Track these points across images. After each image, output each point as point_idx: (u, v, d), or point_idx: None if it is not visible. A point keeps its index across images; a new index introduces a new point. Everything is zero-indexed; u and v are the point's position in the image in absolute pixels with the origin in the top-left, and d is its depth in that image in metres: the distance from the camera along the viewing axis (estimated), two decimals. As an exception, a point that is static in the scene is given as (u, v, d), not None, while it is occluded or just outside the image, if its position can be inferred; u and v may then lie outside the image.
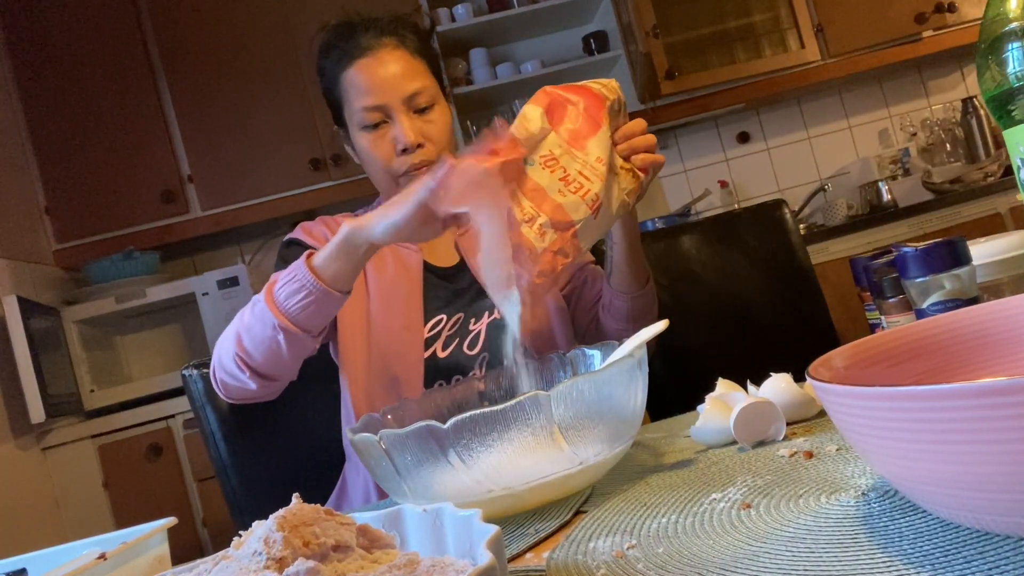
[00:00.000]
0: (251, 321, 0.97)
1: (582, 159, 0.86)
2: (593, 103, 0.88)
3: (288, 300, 0.93)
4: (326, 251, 0.92)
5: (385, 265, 1.15)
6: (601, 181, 0.85)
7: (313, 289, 0.92)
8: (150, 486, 2.39)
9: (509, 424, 0.63)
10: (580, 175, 0.85)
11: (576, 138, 0.86)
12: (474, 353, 1.12)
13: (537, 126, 0.86)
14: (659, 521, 0.57)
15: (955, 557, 0.40)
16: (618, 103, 0.92)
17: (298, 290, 0.92)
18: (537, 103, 0.87)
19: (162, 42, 2.77)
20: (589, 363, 0.86)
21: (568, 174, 0.85)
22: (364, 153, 1.13)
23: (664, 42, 2.91)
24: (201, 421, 1.26)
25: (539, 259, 0.82)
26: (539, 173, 0.85)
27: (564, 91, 0.89)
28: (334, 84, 1.15)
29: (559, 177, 0.85)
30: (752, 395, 0.77)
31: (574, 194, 0.84)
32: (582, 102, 0.88)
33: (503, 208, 0.82)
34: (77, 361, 2.52)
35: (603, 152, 0.86)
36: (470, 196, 0.81)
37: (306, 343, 0.97)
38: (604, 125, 0.87)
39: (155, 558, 0.69)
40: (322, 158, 2.78)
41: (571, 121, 0.87)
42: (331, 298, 0.93)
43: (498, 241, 0.81)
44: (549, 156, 0.85)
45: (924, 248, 0.71)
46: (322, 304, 0.93)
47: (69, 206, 2.71)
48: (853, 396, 0.42)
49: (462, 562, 0.41)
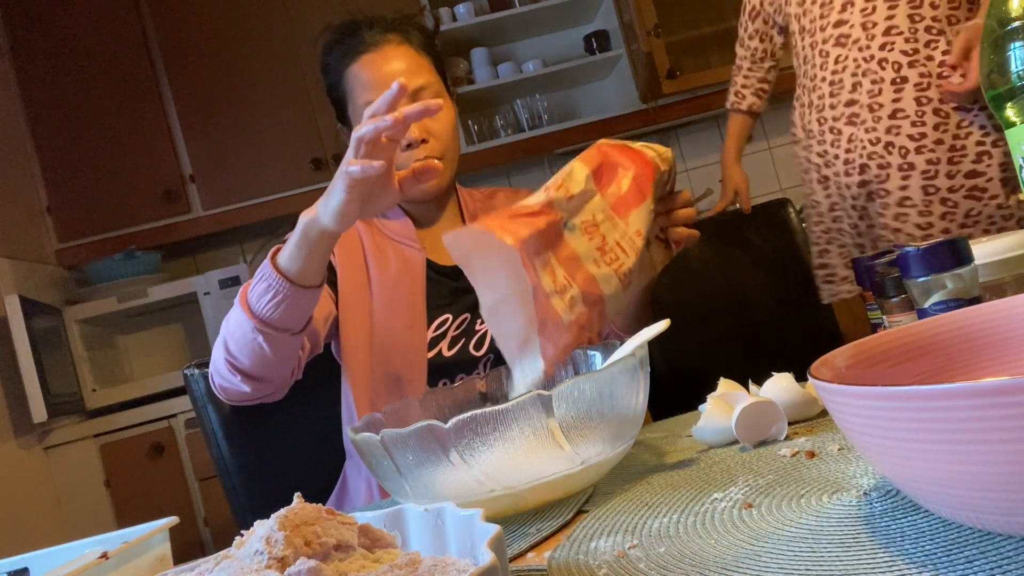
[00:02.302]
0: (233, 326, 0.97)
1: (622, 229, 0.81)
2: (644, 172, 0.84)
3: (260, 301, 0.92)
4: (288, 247, 0.91)
5: (388, 264, 1.15)
6: (636, 256, 0.81)
7: (280, 288, 0.91)
8: (152, 485, 2.39)
9: (511, 424, 0.63)
10: (617, 246, 0.81)
11: (620, 206, 0.82)
12: (480, 354, 1.12)
13: (580, 187, 0.81)
14: (661, 521, 0.57)
15: (957, 557, 0.39)
16: (668, 174, 0.88)
17: (267, 290, 0.91)
18: (587, 162, 0.83)
19: (164, 42, 2.77)
20: (590, 362, 0.86)
21: (606, 243, 0.80)
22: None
23: (665, 41, 2.90)
24: (203, 420, 1.26)
25: (565, 333, 0.78)
26: (578, 239, 0.79)
27: (619, 153, 0.84)
28: (338, 80, 1.15)
29: (596, 246, 0.80)
30: (754, 395, 0.77)
31: (608, 266, 0.80)
32: (633, 169, 0.83)
33: (527, 281, 0.77)
34: (79, 360, 2.53)
35: (643, 225, 0.82)
36: (488, 265, 0.79)
37: (288, 342, 0.96)
38: (649, 197, 0.83)
39: (157, 557, 0.69)
40: (323, 158, 2.79)
41: (618, 186, 0.82)
42: (300, 294, 0.92)
43: (516, 309, 0.78)
44: (591, 221, 0.81)
45: (926, 247, 0.71)
46: (293, 301, 0.92)
47: (71, 205, 2.72)
48: (855, 396, 0.42)
49: (463, 562, 0.41)
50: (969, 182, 1.43)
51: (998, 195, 1.43)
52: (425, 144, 1.10)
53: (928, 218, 1.46)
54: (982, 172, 1.43)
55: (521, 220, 0.78)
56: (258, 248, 3.08)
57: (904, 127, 1.47)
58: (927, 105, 1.46)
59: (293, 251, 0.90)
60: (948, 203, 1.45)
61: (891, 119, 1.48)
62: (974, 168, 1.43)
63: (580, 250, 0.80)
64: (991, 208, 1.43)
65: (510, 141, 2.91)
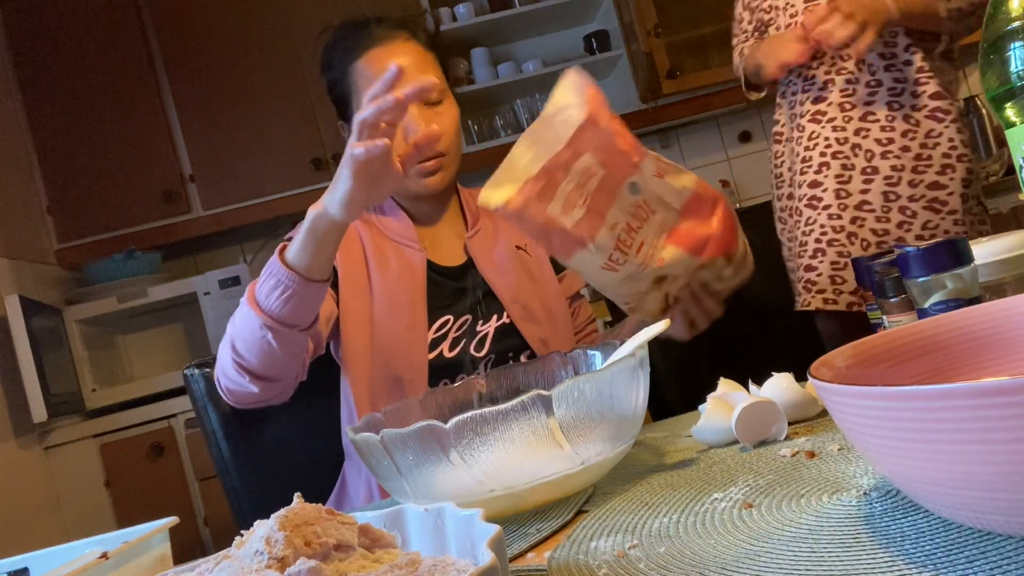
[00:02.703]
0: (240, 324, 0.96)
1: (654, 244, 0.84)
2: (725, 239, 0.87)
3: (268, 297, 0.92)
4: (296, 242, 0.91)
5: (388, 265, 1.14)
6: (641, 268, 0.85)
7: (290, 283, 0.91)
8: (152, 485, 2.39)
9: (511, 424, 0.63)
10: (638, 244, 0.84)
11: (678, 235, 0.85)
12: (481, 355, 1.12)
13: (677, 186, 0.84)
14: (661, 520, 0.57)
15: (957, 557, 0.39)
16: (734, 265, 0.91)
17: (275, 286, 0.91)
18: (699, 186, 0.85)
19: (164, 42, 2.77)
20: (590, 363, 0.86)
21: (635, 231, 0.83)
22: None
23: (665, 41, 2.90)
24: (203, 420, 1.26)
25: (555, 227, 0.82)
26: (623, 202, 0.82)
27: (726, 217, 0.87)
28: (343, 76, 1.14)
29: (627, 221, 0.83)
30: (754, 395, 0.77)
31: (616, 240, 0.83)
32: (718, 231, 0.86)
33: (561, 151, 0.80)
34: (79, 360, 2.53)
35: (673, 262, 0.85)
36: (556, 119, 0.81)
37: (297, 338, 0.96)
38: (703, 256, 0.87)
39: (157, 557, 0.69)
40: (323, 158, 2.79)
41: (694, 223, 0.85)
42: (309, 288, 0.92)
43: (541, 149, 0.81)
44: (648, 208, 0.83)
45: (926, 247, 0.71)
46: (301, 296, 0.92)
47: (71, 206, 2.72)
48: (855, 396, 0.42)
49: (463, 561, 0.41)
50: (931, 193, 1.42)
51: (957, 210, 1.41)
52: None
53: (885, 224, 1.44)
54: (944, 185, 1.42)
55: (616, 127, 0.80)
56: (258, 248, 3.08)
57: (873, 131, 1.46)
58: (899, 111, 1.44)
59: (301, 245, 0.90)
60: (906, 212, 1.43)
61: (861, 121, 1.47)
62: (937, 180, 1.42)
63: (615, 208, 0.82)
64: (948, 223, 1.42)
65: (510, 141, 2.91)
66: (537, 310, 1.16)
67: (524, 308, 1.15)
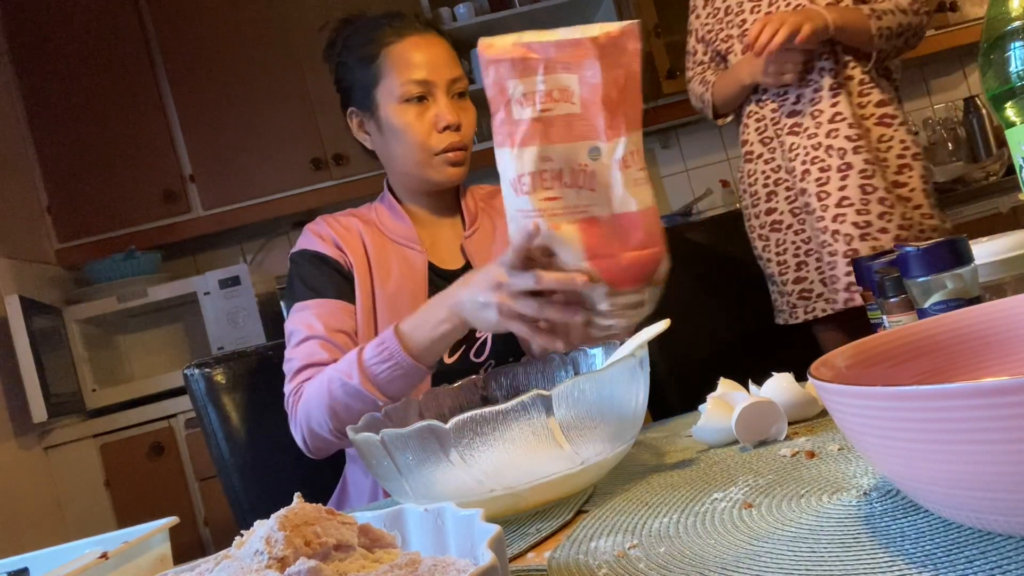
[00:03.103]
0: (348, 401, 0.98)
1: (566, 209, 0.80)
2: (644, 261, 0.84)
3: (391, 384, 0.95)
4: (426, 337, 0.93)
5: (391, 267, 1.14)
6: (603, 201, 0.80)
7: (414, 375, 0.95)
8: (152, 485, 2.39)
9: (511, 424, 0.63)
10: (556, 198, 0.80)
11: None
12: (480, 360, 1.12)
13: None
14: (661, 520, 0.57)
15: (957, 557, 0.39)
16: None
17: (402, 376, 0.95)
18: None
19: (164, 42, 2.77)
20: (590, 362, 0.86)
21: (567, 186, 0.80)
22: (400, 126, 1.12)
23: (665, 41, 2.90)
24: (203, 420, 1.26)
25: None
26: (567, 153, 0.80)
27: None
28: (371, 58, 1.14)
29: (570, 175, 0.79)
30: (754, 395, 0.77)
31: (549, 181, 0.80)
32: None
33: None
34: (79, 360, 2.52)
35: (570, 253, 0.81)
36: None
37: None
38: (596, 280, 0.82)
39: (157, 557, 0.69)
40: (323, 158, 2.78)
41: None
42: (422, 375, 0.96)
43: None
44: (588, 176, 0.79)
45: (926, 247, 0.71)
46: (417, 381, 0.97)
47: (71, 206, 2.71)
48: (855, 396, 0.42)
49: (463, 561, 0.41)
50: (896, 190, 1.50)
51: (922, 204, 1.50)
52: (459, 131, 1.13)
53: (866, 216, 1.49)
54: (905, 183, 1.51)
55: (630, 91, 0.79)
56: (258, 248, 3.08)
57: (842, 129, 1.52)
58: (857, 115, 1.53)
59: (431, 344, 0.93)
60: (885, 203, 1.49)
61: (830, 123, 1.54)
62: (896, 179, 1.50)
63: (561, 147, 0.78)
64: (918, 216, 1.50)
65: (510, 141, 2.90)
66: None
67: None
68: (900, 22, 1.51)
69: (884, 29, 1.50)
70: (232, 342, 2.52)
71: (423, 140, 1.12)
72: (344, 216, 1.20)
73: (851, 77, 1.54)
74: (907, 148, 1.51)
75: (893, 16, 1.50)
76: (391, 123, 1.13)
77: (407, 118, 1.12)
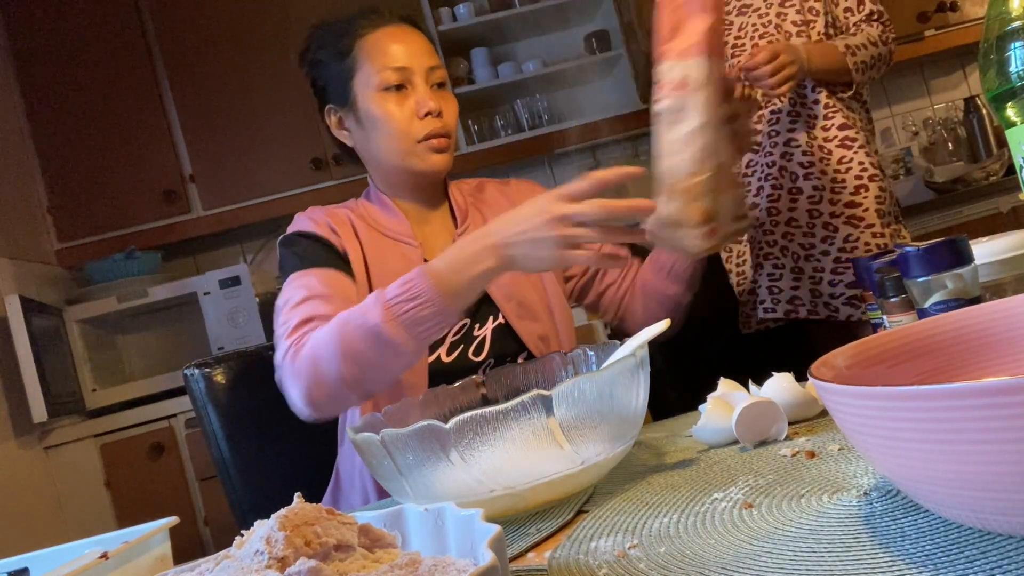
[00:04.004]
0: (363, 348, 0.91)
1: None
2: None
3: (420, 325, 0.89)
4: (462, 280, 0.89)
5: (387, 264, 1.13)
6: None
7: (446, 317, 0.90)
8: (152, 485, 2.39)
9: (511, 424, 0.63)
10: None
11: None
12: (480, 359, 1.11)
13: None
14: (661, 520, 0.57)
15: (957, 557, 0.39)
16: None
17: (432, 316, 0.89)
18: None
19: (164, 42, 2.77)
20: (591, 363, 0.86)
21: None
22: (381, 115, 1.12)
23: (665, 41, 2.90)
24: (203, 420, 1.26)
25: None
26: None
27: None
28: (346, 52, 1.14)
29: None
30: (754, 395, 0.77)
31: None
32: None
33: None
34: (79, 360, 2.53)
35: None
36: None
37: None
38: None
39: (157, 557, 0.69)
40: (323, 158, 2.78)
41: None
42: (453, 319, 0.92)
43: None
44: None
45: (926, 247, 0.71)
46: (445, 327, 0.93)
47: (71, 206, 2.71)
48: (855, 396, 0.42)
49: (464, 561, 0.41)
50: (848, 211, 1.55)
51: (874, 224, 1.55)
52: (440, 117, 1.12)
53: (811, 239, 1.58)
54: (859, 203, 1.56)
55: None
56: (258, 248, 3.08)
57: (796, 155, 1.59)
58: (815, 140, 1.58)
59: (469, 285, 0.89)
60: (829, 227, 1.56)
61: (785, 147, 1.60)
62: (852, 199, 1.56)
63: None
64: (867, 235, 1.55)
65: (510, 141, 2.91)
66: (534, 305, 1.15)
67: (520, 305, 1.14)
68: (872, 55, 1.57)
69: (859, 63, 1.56)
70: (232, 342, 2.52)
71: (405, 128, 1.11)
72: (334, 208, 1.20)
73: (817, 101, 1.59)
74: (864, 170, 1.57)
75: (866, 50, 1.56)
76: (370, 113, 1.12)
77: (387, 107, 1.11)
